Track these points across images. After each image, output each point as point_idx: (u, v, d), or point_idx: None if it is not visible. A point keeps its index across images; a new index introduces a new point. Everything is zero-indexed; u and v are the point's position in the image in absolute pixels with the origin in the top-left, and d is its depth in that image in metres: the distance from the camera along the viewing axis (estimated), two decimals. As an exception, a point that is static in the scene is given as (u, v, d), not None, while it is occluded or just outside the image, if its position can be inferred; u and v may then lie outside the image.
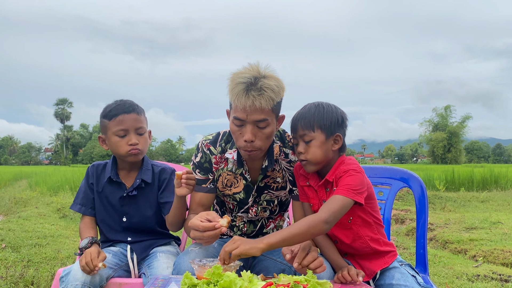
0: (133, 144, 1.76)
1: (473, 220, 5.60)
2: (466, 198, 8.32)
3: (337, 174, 1.54)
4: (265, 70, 1.57)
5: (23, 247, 4.27)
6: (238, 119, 1.56)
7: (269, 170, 1.75)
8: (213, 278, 1.23)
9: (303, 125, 1.56)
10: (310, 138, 1.55)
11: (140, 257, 1.80)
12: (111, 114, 1.77)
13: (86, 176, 1.89)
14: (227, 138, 1.77)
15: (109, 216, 1.85)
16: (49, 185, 10.86)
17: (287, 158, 1.76)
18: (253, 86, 1.52)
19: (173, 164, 2.45)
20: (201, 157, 1.77)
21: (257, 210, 1.82)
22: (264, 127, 1.57)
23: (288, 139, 1.77)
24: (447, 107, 56.88)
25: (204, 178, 1.77)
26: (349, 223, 1.58)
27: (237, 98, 1.53)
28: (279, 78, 1.59)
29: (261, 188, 1.78)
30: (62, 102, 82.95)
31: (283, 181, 1.78)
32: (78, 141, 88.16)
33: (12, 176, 17.59)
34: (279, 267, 1.71)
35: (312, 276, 1.32)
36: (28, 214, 6.47)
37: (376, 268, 1.61)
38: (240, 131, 1.59)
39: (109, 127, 1.78)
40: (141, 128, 1.80)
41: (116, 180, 1.84)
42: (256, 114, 1.54)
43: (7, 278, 3.14)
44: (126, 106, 1.78)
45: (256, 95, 1.51)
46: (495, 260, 3.98)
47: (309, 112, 1.57)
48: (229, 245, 1.33)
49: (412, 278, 1.56)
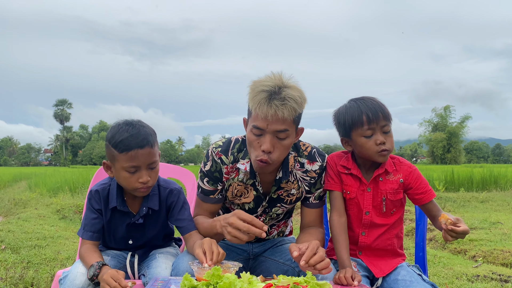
0: (144, 182, 1.60)
1: (472, 221, 5.61)
2: (466, 198, 8.32)
3: (404, 169, 1.67)
4: (288, 80, 1.53)
5: (23, 248, 4.27)
6: (258, 128, 1.52)
7: (283, 182, 1.70)
8: (212, 280, 1.23)
9: (385, 116, 1.61)
10: (389, 128, 1.63)
11: (140, 259, 1.80)
12: (122, 147, 1.58)
13: (90, 203, 1.72)
14: (239, 146, 1.71)
15: (115, 241, 1.79)
16: (49, 186, 10.85)
17: (303, 168, 1.72)
18: (276, 95, 1.48)
19: (173, 165, 2.45)
20: (211, 165, 1.71)
21: (265, 220, 1.80)
22: (283, 138, 1.54)
23: (304, 148, 1.73)
24: (446, 108, 56.92)
25: (212, 189, 1.72)
26: (391, 214, 1.69)
27: (259, 106, 1.48)
28: (302, 89, 1.56)
29: (273, 200, 1.75)
30: (62, 103, 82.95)
31: (298, 192, 1.74)
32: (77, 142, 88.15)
33: (11, 177, 17.58)
34: (281, 268, 1.71)
35: (311, 277, 1.32)
36: (27, 215, 6.47)
37: (387, 269, 1.66)
38: (258, 140, 1.54)
39: (118, 159, 1.60)
40: (154, 162, 1.63)
41: (123, 210, 1.71)
42: (277, 124, 1.50)
43: (6, 280, 3.14)
44: (139, 139, 1.58)
45: (279, 104, 1.47)
46: (495, 261, 3.98)
47: (379, 105, 1.62)
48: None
49: (417, 276, 1.60)
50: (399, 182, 1.66)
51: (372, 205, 1.67)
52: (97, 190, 1.72)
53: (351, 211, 1.70)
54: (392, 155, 1.70)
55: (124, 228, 1.74)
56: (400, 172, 1.67)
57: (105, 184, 1.73)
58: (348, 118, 1.63)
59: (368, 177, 1.68)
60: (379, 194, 1.67)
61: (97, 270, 1.50)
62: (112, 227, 1.75)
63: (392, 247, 1.71)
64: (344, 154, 1.75)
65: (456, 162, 52.49)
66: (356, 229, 1.70)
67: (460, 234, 1.45)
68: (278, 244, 1.86)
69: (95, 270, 1.51)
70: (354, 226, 1.71)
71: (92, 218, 1.70)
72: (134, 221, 1.71)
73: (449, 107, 57.01)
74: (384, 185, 1.67)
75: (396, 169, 1.68)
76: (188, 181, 2.37)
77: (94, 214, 1.70)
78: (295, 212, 2.65)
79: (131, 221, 1.72)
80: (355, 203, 1.69)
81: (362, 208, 1.68)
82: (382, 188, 1.67)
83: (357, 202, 1.68)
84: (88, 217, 1.71)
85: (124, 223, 1.73)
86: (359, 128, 1.61)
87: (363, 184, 1.68)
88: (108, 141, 1.63)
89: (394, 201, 1.67)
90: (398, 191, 1.67)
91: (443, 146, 54.94)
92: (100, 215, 1.71)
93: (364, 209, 1.67)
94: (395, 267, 1.67)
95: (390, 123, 1.63)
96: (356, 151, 1.68)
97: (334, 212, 1.69)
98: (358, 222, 1.70)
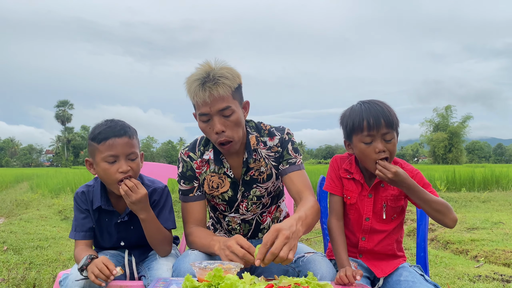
0: (124, 172, 1.61)
1: (474, 221, 5.59)
2: (467, 198, 8.30)
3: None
4: (216, 64, 1.64)
5: (25, 249, 4.28)
6: (204, 114, 1.62)
7: (251, 162, 1.76)
8: (214, 281, 1.23)
9: (387, 124, 1.53)
10: (392, 137, 1.55)
11: (138, 259, 1.80)
12: (100, 137, 1.62)
13: (77, 204, 1.75)
14: (205, 141, 1.81)
15: (108, 243, 1.80)
16: (50, 187, 10.87)
17: (266, 146, 1.79)
18: (207, 79, 1.59)
19: (174, 165, 2.45)
20: (182, 166, 1.80)
21: (248, 205, 1.81)
22: (229, 115, 1.62)
23: (264, 128, 1.81)
24: (447, 107, 56.79)
25: (189, 188, 1.79)
26: (391, 220, 1.67)
27: (195, 94, 1.59)
28: (232, 67, 1.66)
29: (248, 182, 1.79)
30: (63, 104, 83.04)
31: (267, 169, 1.79)
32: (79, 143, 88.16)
33: (13, 178, 17.60)
34: (282, 268, 1.71)
35: (313, 277, 1.32)
36: (29, 216, 6.48)
37: (388, 269, 1.66)
38: (209, 126, 1.64)
39: (97, 152, 1.63)
40: (132, 153, 1.65)
41: (107, 209, 1.72)
42: (218, 104, 1.59)
43: (9, 281, 3.15)
44: (117, 128, 1.64)
45: (211, 85, 1.58)
46: (497, 261, 3.97)
47: (384, 111, 1.54)
48: None
49: (420, 276, 1.60)
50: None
51: (373, 211, 1.65)
52: (82, 191, 1.76)
53: (351, 216, 1.69)
54: (397, 159, 1.65)
55: (113, 229, 1.76)
56: None
57: (90, 185, 1.77)
58: (350, 122, 1.58)
59: (370, 183, 1.65)
60: (380, 200, 1.64)
61: (87, 260, 1.51)
62: (102, 228, 1.77)
63: (392, 251, 1.70)
64: (348, 156, 1.72)
65: (458, 162, 52.36)
66: (356, 234, 1.69)
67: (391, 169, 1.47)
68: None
69: (85, 261, 1.51)
70: (354, 230, 1.69)
71: (82, 218, 1.74)
72: (121, 219, 1.73)
73: (450, 107, 56.89)
74: (385, 192, 1.64)
75: None
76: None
77: (83, 213, 1.74)
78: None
79: (118, 219, 1.74)
80: (356, 208, 1.67)
81: (362, 214, 1.65)
82: (383, 194, 1.64)
83: (357, 208, 1.66)
84: (78, 217, 1.74)
85: (111, 223, 1.75)
86: (359, 133, 1.56)
87: (364, 189, 1.65)
88: (89, 137, 1.70)
89: (394, 207, 1.64)
90: (399, 197, 1.64)
91: (445, 146, 54.82)
92: (89, 214, 1.74)
93: (364, 215, 1.65)
94: (396, 267, 1.67)
95: (393, 131, 1.54)
96: (356, 155, 1.66)
97: (332, 216, 1.68)
98: (358, 227, 1.68)
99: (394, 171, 1.47)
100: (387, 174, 1.48)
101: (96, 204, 1.71)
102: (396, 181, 1.49)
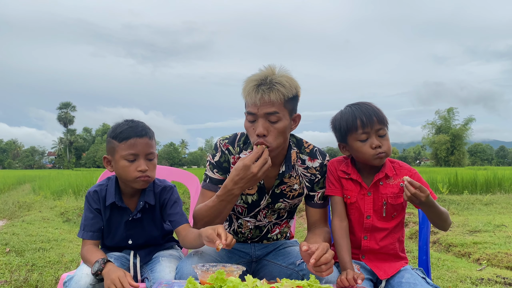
0: (143, 171, 1.67)
1: (476, 223, 5.58)
2: (470, 201, 8.28)
3: (404, 173, 1.67)
4: (279, 70, 1.64)
5: (27, 251, 4.28)
6: (251, 113, 1.61)
7: (286, 176, 1.74)
8: (216, 283, 1.24)
9: (379, 120, 1.62)
10: (384, 132, 1.64)
11: (143, 261, 1.81)
12: (122, 136, 1.68)
13: (89, 203, 1.78)
14: (245, 139, 1.79)
15: (115, 241, 1.82)
16: (53, 189, 10.89)
17: (304, 164, 1.77)
18: (264, 83, 1.59)
19: (177, 168, 2.46)
20: (220, 156, 1.78)
21: (267, 213, 1.82)
22: (275, 121, 1.60)
23: (306, 146, 1.79)
24: (450, 110, 56.79)
25: (221, 179, 1.76)
26: (392, 218, 1.69)
27: (248, 94, 1.60)
28: (294, 77, 1.65)
29: (276, 196, 1.77)
30: (65, 106, 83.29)
31: (300, 188, 1.77)
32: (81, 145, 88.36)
33: (15, 180, 17.66)
34: (284, 271, 1.71)
35: (315, 280, 1.32)
36: (31, 218, 6.50)
37: (391, 271, 1.68)
38: (253, 126, 1.63)
39: (117, 150, 1.69)
40: (151, 153, 1.72)
41: (121, 205, 1.76)
42: (266, 107, 1.58)
43: (11, 283, 3.15)
44: (138, 129, 1.70)
45: (265, 89, 1.58)
46: (499, 264, 3.96)
47: (374, 109, 1.64)
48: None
49: (421, 279, 1.61)
50: (400, 186, 1.67)
51: (373, 209, 1.68)
52: (95, 190, 1.79)
53: (352, 216, 1.71)
54: (392, 159, 1.72)
55: (123, 227, 1.78)
56: (400, 176, 1.68)
57: (103, 184, 1.81)
58: (343, 123, 1.66)
59: (368, 182, 1.69)
60: (380, 198, 1.68)
61: (101, 265, 1.55)
62: (111, 226, 1.80)
63: (395, 251, 1.72)
64: (344, 159, 1.77)
65: (460, 165, 52.31)
66: (358, 233, 1.71)
67: (417, 189, 1.47)
68: (281, 247, 1.86)
69: (99, 265, 1.55)
70: (356, 231, 1.72)
71: (92, 218, 1.76)
72: (132, 217, 1.76)
73: (452, 109, 56.89)
74: (385, 189, 1.68)
75: (396, 173, 1.70)
76: (192, 185, 2.38)
77: (93, 214, 1.77)
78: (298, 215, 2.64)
79: (130, 217, 1.77)
80: (356, 207, 1.70)
81: (363, 212, 1.69)
82: (382, 192, 1.68)
83: (357, 207, 1.69)
84: (88, 217, 1.77)
85: (122, 220, 1.78)
86: (354, 132, 1.64)
87: (363, 188, 1.69)
88: (109, 136, 1.74)
89: (394, 205, 1.68)
90: (399, 195, 1.67)
91: (447, 149, 54.79)
92: (99, 215, 1.77)
93: (365, 213, 1.68)
94: (398, 269, 1.68)
95: (385, 127, 1.64)
96: (353, 155, 1.70)
97: (335, 217, 1.71)
98: (359, 227, 1.71)
99: (427, 195, 1.49)
100: (421, 198, 1.48)
101: (110, 200, 1.75)
102: (425, 202, 1.51)
